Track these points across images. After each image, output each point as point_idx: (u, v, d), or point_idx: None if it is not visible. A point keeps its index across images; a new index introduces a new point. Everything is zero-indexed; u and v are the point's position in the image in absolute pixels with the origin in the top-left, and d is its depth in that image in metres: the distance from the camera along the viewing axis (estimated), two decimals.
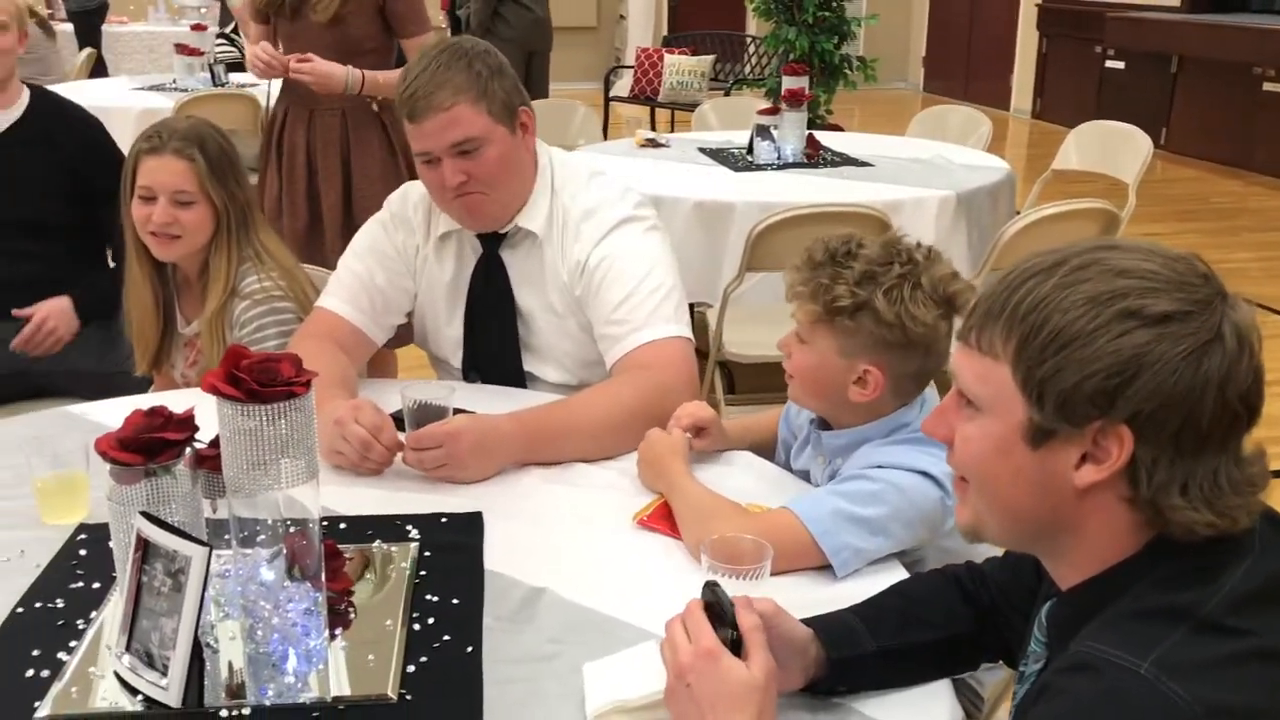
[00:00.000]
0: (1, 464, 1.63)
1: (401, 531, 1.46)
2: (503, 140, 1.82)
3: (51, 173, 2.54)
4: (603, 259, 1.86)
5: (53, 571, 1.36)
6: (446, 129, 1.77)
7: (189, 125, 2.06)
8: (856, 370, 1.44)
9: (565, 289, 1.91)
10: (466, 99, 1.77)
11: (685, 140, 4.48)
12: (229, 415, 1.15)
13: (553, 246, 1.91)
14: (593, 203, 1.91)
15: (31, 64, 6.33)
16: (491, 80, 1.81)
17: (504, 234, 1.92)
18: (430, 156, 1.81)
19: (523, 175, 1.90)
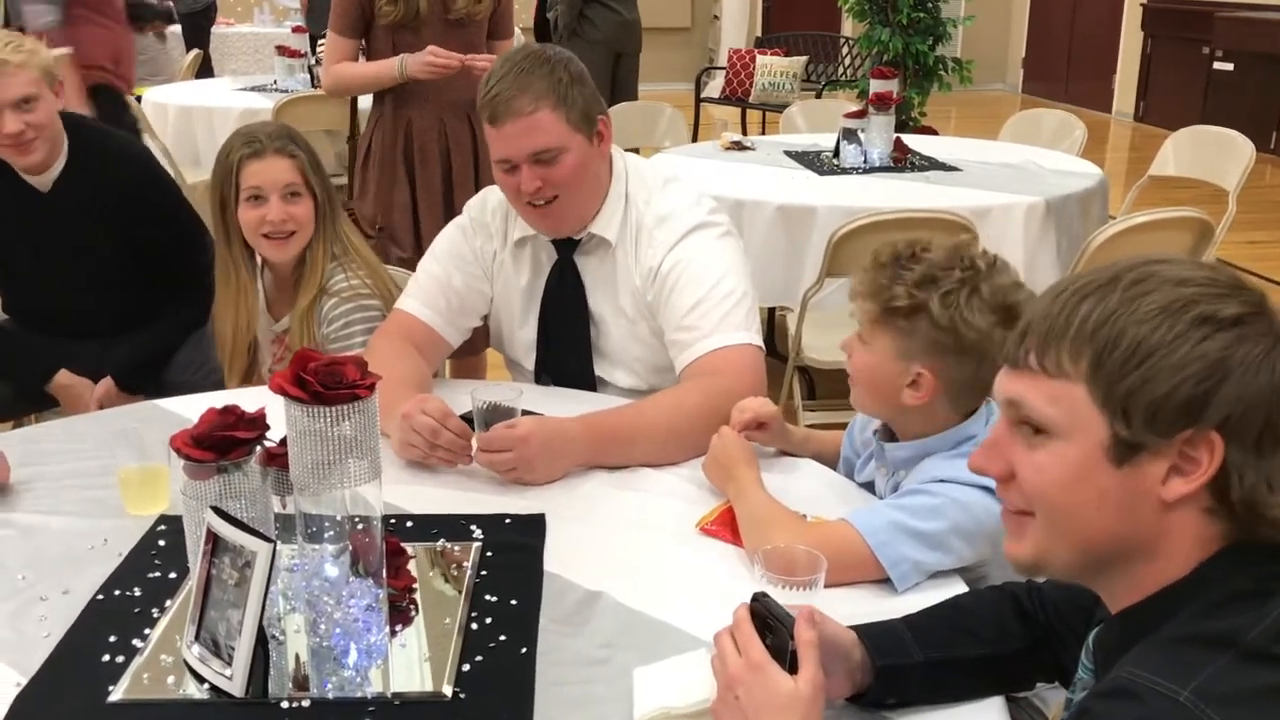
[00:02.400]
0: (91, 455, 1.71)
1: (465, 531, 1.48)
2: (580, 149, 1.84)
3: (105, 217, 2.54)
4: (675, 264, 1.87)
5: (133, 560, 1.42)
6: (526, 135, 1.79)
7: (277, 126, 2.16)
8: (910, 373, 1.44)
9: (638, 295, 1.92)
10: (547, 105, 1.79)
11: (771, 143, 4.47)
12: (296, 416, 1.18)
13: (626, 253, 1.93)
14: (666, 209, 1.93)
15: (142, 65, 6.56)
16: (571, 88, 1.82)
17: (578, 240, 1.94)
18: (510, 163, 1.83)
19: (597, 183, 1.92)
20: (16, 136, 2.37)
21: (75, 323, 2.64)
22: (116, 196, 2.54)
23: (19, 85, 2.36)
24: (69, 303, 2.63)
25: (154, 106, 5.46)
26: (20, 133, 2.37)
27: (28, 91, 2.37)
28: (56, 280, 2.60)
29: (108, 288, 2.62)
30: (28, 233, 2.53)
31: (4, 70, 2.34)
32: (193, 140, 5.35)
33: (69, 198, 2.51)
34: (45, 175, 2.50)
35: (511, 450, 1.57)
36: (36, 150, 2.42)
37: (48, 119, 2.43)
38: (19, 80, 2.36)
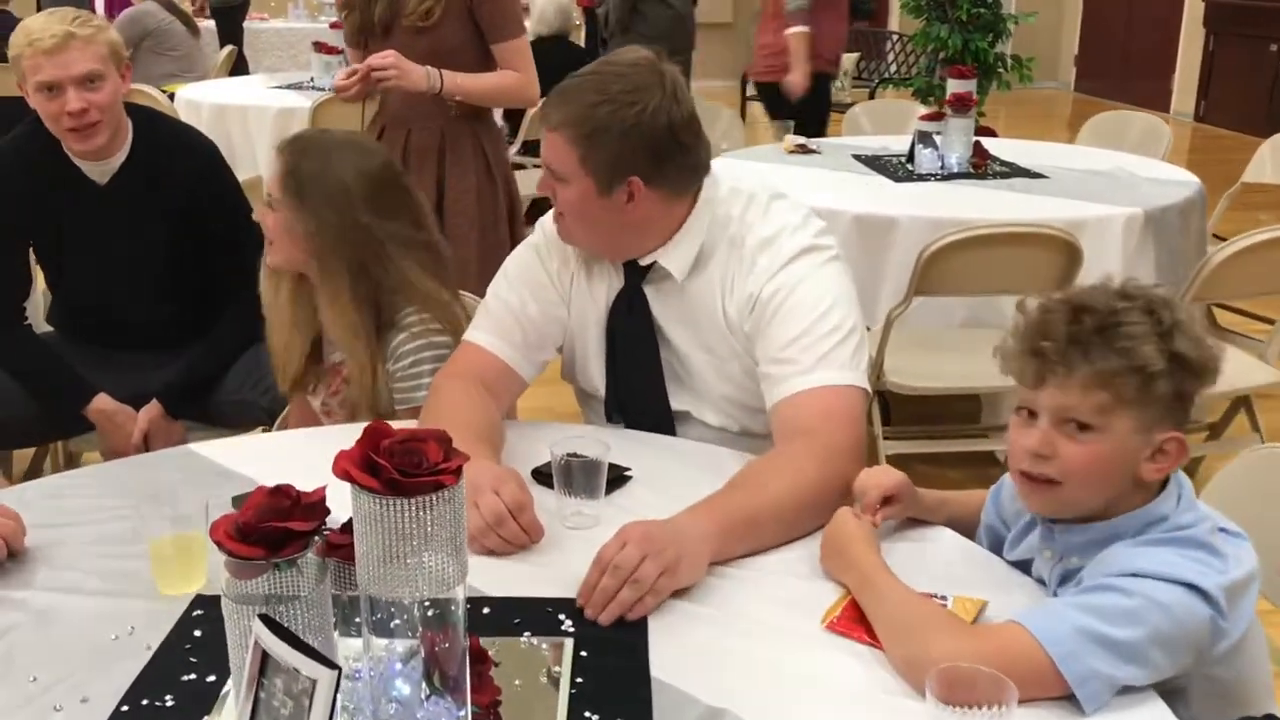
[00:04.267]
0: (121, 514, 1.49)
1: (553, 622, 1.26)
2: (584, 192, 1.63)
3: (163, 213, 2.40)
4: (776, 291, 1.66)
5: (164, 657, 1.20)
6: (546, 146, 1.66)
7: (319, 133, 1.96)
8: (1153, 442, 1.20)
9: (731, 328, 1.70)
10: (567, 133, 1.61)
11: (837, 146, 4.22)
12: (365, 505, 0.96)
13: (707, 287, 1.71)
14: (771, 230, 1.70)
15: (175, 61, 6.41)
16: (607, 135, 1.59)
17: (646, 267, 1.73)
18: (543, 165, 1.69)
19: (622, 228, 1.68)
20: (79, 115, 2.21)
21: (124, 331, 2.49)
22: (178, 189, 2.38)
23: (85, 61, 2.20)
24: (118, 307, 2.47)
25: (187, 105, 5.28)
26: (84, 111, 2.21)
27: (93, 68, 2.22)
28: (107, 280, 2.44)
29: (159, 292, 2.46)
30: (81, 228, 2.38)
31: (70, 44, 2.18)
32: (228, 140, 5.16)
33: (127, 191, 2.36)
34: (104, 165, 2.34)
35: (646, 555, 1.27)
36: (99, 134, 2.26)
37: (112, 100, 2.27)
38: (85, 55, 2.20)
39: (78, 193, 2.35)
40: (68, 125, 2.23)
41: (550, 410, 3.06)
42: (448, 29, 2.74)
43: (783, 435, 1.61)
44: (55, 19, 2.21)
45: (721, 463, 1.64)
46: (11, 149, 2.40)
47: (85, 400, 2.38)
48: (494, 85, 2.83)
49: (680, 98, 1.62)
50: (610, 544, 1.31)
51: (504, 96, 2.94)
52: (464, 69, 2.77)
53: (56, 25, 2.19)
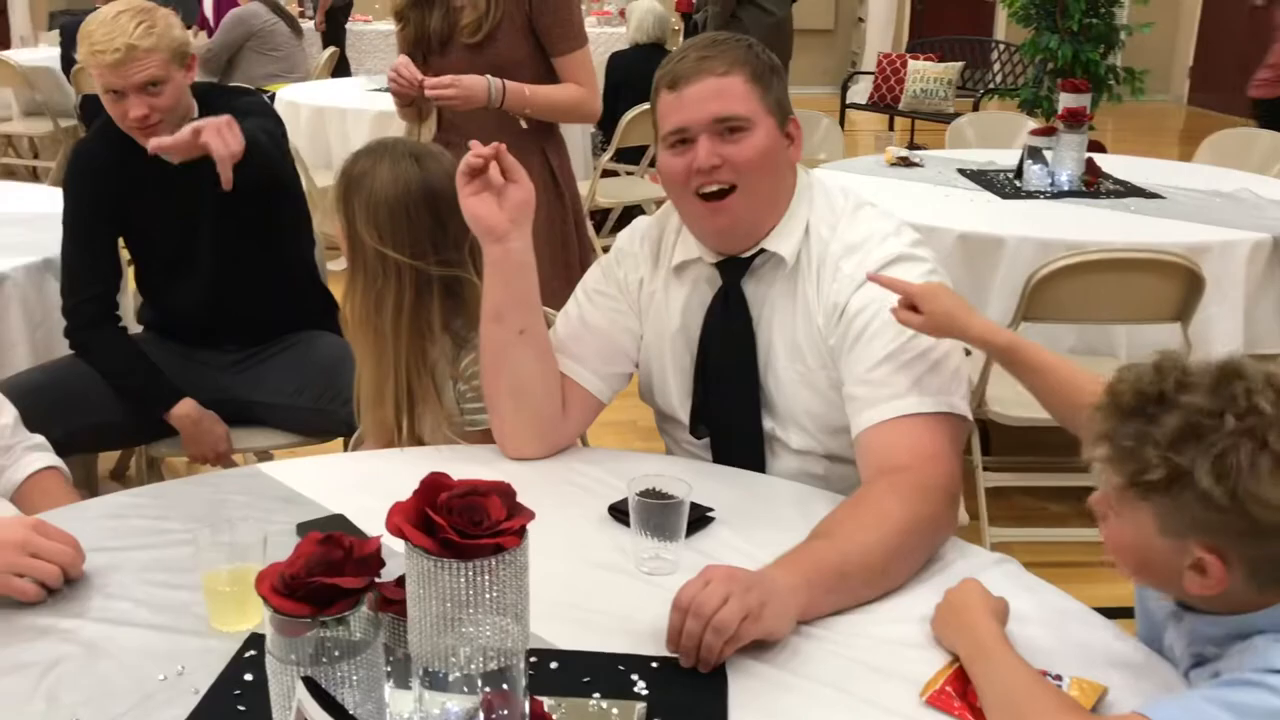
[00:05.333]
0: (179, 539, 1.43)
1: (624, 681, 1.16)
2: (770, 134, 1.57)
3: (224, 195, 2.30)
4: (866, 304, 1.54)
5: (210, 704, 1.13)
6: (712, 98, 1.54)
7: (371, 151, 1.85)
8: (1189, 553, 1.05)
9: (819, 337, 1.59)
10: (742, 73, 1.55)
11: (941, 159, 4.06)
12: (419, 564, 0.88)
13: (807, 283, 1.61)
14: (859, 237, 1.59)
15: (277, 62, 6.46)
16: (771, 73, 1.59)
17: (747, 261, 1.63)
18: (685, 134, 1.56)
19: (781, 186, 1.62)
20: (141, 120, 2.22)
21: (205, 328, 2.48)
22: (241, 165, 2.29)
23: (147, 71, 2.21)
24: (199, 298, 2.46)
25: (287, 106, 5.31)
26: (145, 116, 2.22)
27: (155, 75, 2.22)
28: (187, 263, 2.43)
29: (233, 276, 2.44)
30: (160, 210, 2.39)
31: (133, 55, 2.18)
32: (325, 143, 5.19)
33: (199, 174, 2.29)
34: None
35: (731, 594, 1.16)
36: (161, 132, 2.23)
37: (174, 102, 2.27)
38: (147, 65, 2.20)
39: (155, 177, 2.34)
40: (131, 126, 2.25)
41: (634, 425, 2.98)
42: (506, 43, 2.62)
43: (869, 470, 1.49)
44: (118, 26, 2.19)
45: (809, 503, 1.53)
46: (96, 137, 2.42)
47: (170, 404, 2.37)
48: (559, 98, 2.70)
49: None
50: (692, 583, 1.20)
51: (568, 110, 2.79)
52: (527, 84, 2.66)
53: (119, 36, 2.17)
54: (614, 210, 5.40)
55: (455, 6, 2.62)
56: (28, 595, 1.28)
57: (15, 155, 7.13)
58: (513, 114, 2.66)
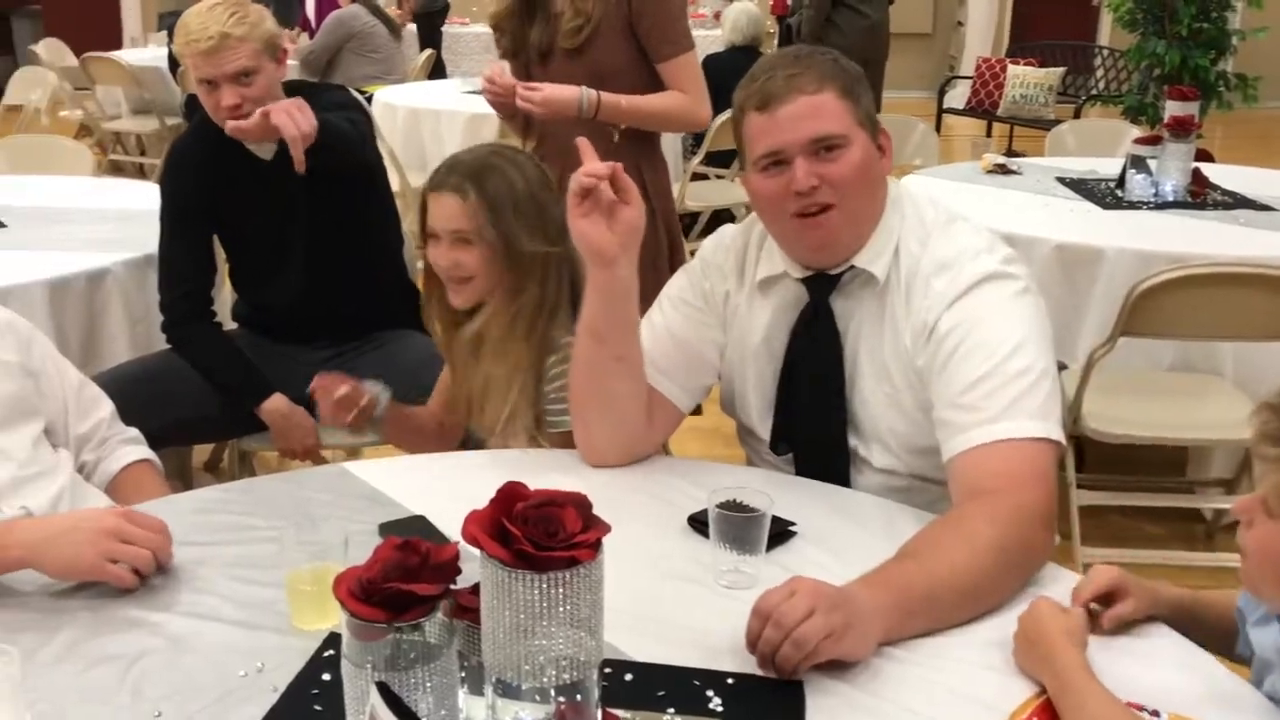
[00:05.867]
0: (265, 536, 1.46)
1: (700, 699, 1.14)
2: (865, 148, 1.54)
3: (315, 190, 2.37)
4: (957, 324, 1.49)
5: (288, 703, 1.14)
6: (807, 118, 1.50)
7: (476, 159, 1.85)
8: None
9: (906, 356, 1.55)
10: (833, 89, 1.52)
11: (1040, 166, 3.97)
12: (493, 574, 0.87)
13: (896, 301, 1.57)
14: (950, 253, 1.55)
15: (376, 63, 6.57)
16: (858, 84, 1.57)
17: (836, 277, 1.59)
18: (779, 156, 1.52)
19: (876, 201, 1.59)
20: (233, 110, 2.25)
21: (298, 323, 2.52)
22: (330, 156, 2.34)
23: (239, 60, 2.24)
24: (293, 292, 2.49)
25: (383, 107, 5.40)
26: (237, 106, 2.25)
27: (247, 65, 2.25)
28: (277, 258, 2.47)
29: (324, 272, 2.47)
30: (253, 205, 2.43)
31: (225, 44, 2.22)
32: (419, 144, 5.26)
33: (289, 162, 2.33)
34: (267, 144, 2.37)
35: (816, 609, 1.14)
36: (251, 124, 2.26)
37: (265, 92, 2.29)
38: (239, 54, 2.24)
39: (248, 172, 2.39)
40: (224, 116, 2.27)
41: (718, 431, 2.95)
42: (606, 49, 2.55)
43: (961, 494, 1.45)
44: (213, 16, 2.23)
45: (894, 519, 1.50)
46: (189, 142, 2.48)
47: (261, 398, 2.41)
48: (659, 107, 2.61)
49: None
50: (776, 591, 1.18)
51: (670, 120, 2.71)
52: (627, 92, 2.58)
53: (213, 25, 2.21)
54: (703, 214, 5.37)
55: (555, 13, 2.57)
56: (124, 581, 1.31)
57: (123, 152, 7.36)
58: (607, 125, 2.59)
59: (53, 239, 2.85)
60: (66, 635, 1.25)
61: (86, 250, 2.71)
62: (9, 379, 1.66)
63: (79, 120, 7.45)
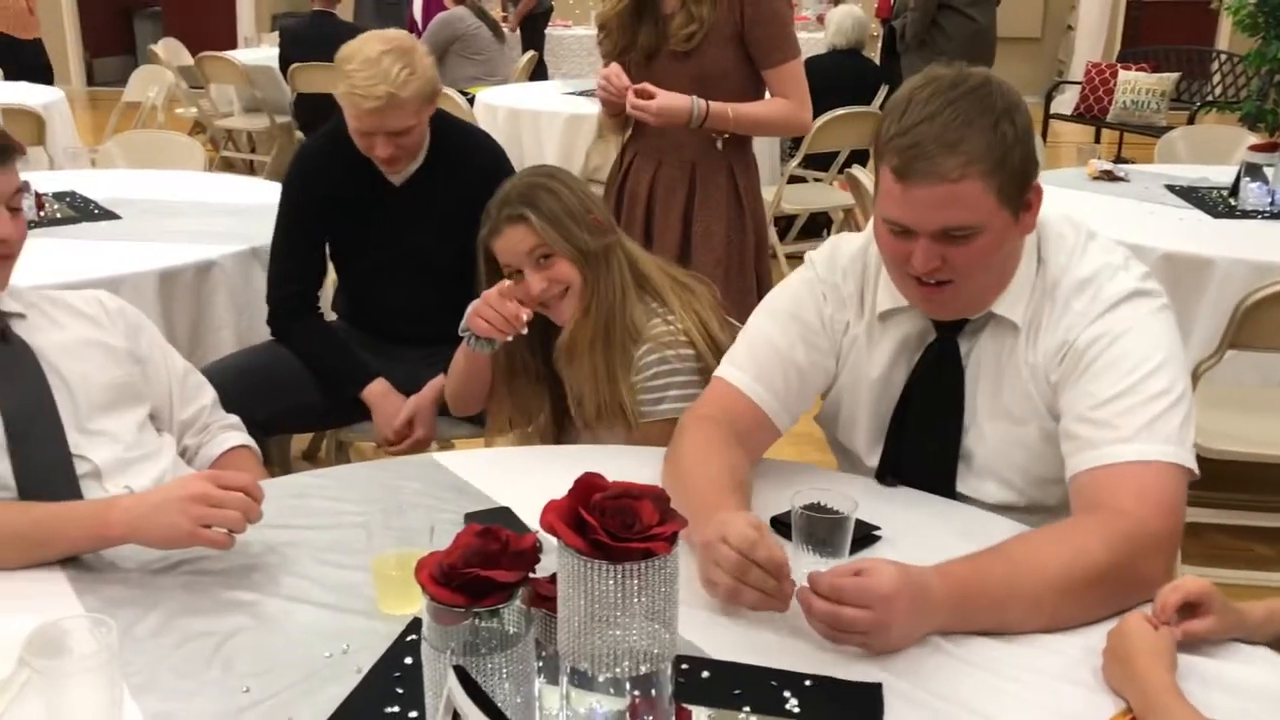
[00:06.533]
0: (355, 521, 1.49)
1: (776, 698, 1.14)
2: (999, 230, 1.43)
3: (449, 213, 2.43)
4: (1097, 339, 1.44)
5: (371, 685, 1.16)
6: (941, 207, 1.40)
7: (510, 192, 1.91)
8: None
9: (1036, 382, 1.50)
10: (978, 172, 1.38)
11: (1148, 174, 3.86)
12: (569, 564, 0.88)
13: (1026, 335, 1.51)
14: (1090, 270, 1.49)
15: (479, 65, 6.68)
16: (1014, 148, 1.41)
17: (967, 318, 1.54)
18: (904, 229, 1.44)
19: (1006, 265, 1.50)
20: (386, 160, 2.33)
21: (400, 326, 2.57)
22: (461, 192, 2.40)
23: (400, 120, 2.28)
24: (397, 302, 2.55)
25: (485, 108, 5.47)
26: (391, 157, 2.32)
27: (409, 125, 2.30)
28: (390, 275, 2.52)
29: (434, 290, 2.48)
30: (374, 225, 2.47)
31: (393, 102, 2.24)
32: (519, 144, 5.31)
33: (418, 194, 2.45)
34: (403, 171, 2.43)
35: (870, 608, 1.18)
36: (399, 164, 2.38)
37: (419, 141, 2.37)
38: (401, 115, 2.27)
39: (375, 193, 2.43)
40: (375, 158, 2.33)
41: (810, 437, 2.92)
42: (714, 53, 2.55)
43: (1082, 510, 1.39)
44: (379, 74, 2.21)
45: (988, 529, 1.47)
46: (320, 148, 2.51)
47: (363, 383, 2.46)
48: (765, 114, 2.63)
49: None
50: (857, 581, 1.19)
51: (774, 126, 2.73)
52: (729, 95, 2.58)
53: (381, 84, 2.21)
54: (799, 217, 5.34)
55: (665, 16, 2.57)
56: (219, 544, 1.35)
57: (235, 149, 7.58)
58: (713, 132, 2.60)
59: (164, 231, 2.94)
60: (162, 611, 1.29)
61: (196, 242, 2.80)
62: (117, 365, 1.72)
63: (193, 118, 7.69)
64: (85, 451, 1.63)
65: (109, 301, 1.79)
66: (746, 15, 2.53)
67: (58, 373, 1.66)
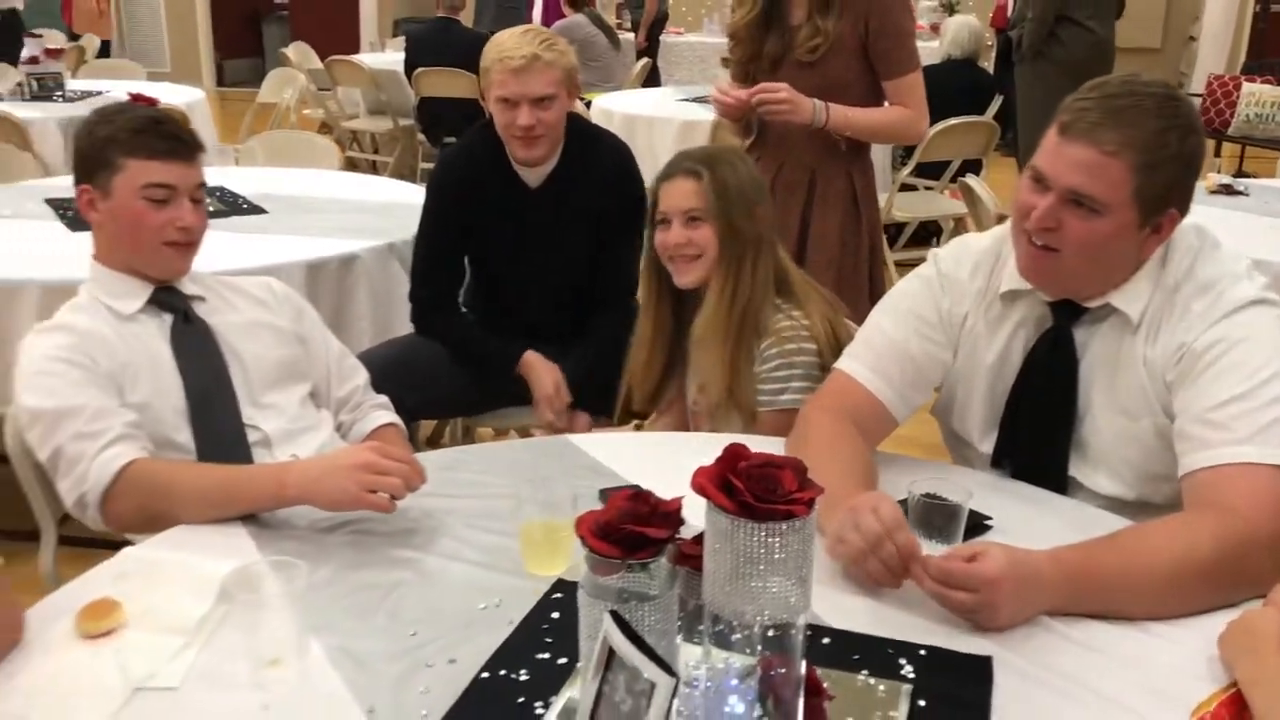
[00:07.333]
0: (500, 493, 1.62)
1: (893, 664, 1.23)
2: (1123, 227, 1.50)
3: (580, 214, 2.56)
4: (1215, 342, 1.50)
5: (523, 633, 1.29)
6: (1081, 170, 1.47)
7: (705, 149, 2.05)
8: None
9: (1151, 380, 1.56)
10: (1128, 160, 1.46)
11: (1271, 189, 3.83)
12: (717, 522, 0.99)
13: (1143, 333, 1.57)
14: (1212, 275, 1.55)
15: (595, 71, 6.85)
16: (1170, 164, 1.48)
17: (1086, 308, 1.60)
18: (1043, 180, 1.52)
19: (1114, 266, 1.57)
20: (527, 130, 2.42)
21: (528, 323, 2.67)
22: (592, 189, 2.56)
23: (543, 84, 2.40)
24: (524, 300, 2.67)
25: (600, 113, 5.62)
26: (531, 127, 2.42)
27: (549, 91, 2.41)
28: (521, 275, 2.64)
29: (562, 290, 2.65)
30: (511, 225, 2.59)
31: (534, 65, 2.38)
32: (633, 149, 5.41)
33: (554, 193, 2.57)
34: (538, 170, 2.55)
35: (976, 591, 1.28)
36: (540, 146, 2.47)
37: (558, 120, 2.47)
38: (544, 79, 2.40)
39: (512, 193, 2.56)
40: (516, 134, 2.44)
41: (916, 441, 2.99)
42: (838, 64, 2.63)
43: (1194, 508, 1.45)
44: (527, 39, 2.39)
45: (1097, 523, 1.53)
46: (463, 150, 2.66)
47: (516, 359, 2.59)
48: (883, 121, 2.71)
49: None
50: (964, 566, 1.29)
51: (892, 133, 2.83)
52: (850, 104, 2.65)
53: (526, 46, 2.37)
54: (909, 225, 5.38)
55: (792, 27, 2.66)
56: (382, 507, 1.49)
57: (359, 150, 7.86)
58: (835, 136, 2.68)
59: (308, 226, 3.14)
60: (333, 564, 1.44)
61: (338, 237, 2.98)
62: (284, 344, 1.89)
63: (320, 119, 8.00)
64: (257, 422, 1.80)
65: (277, 287, 1.96)
66: (871, 28, 2.61)
67: (233, 350, 1.83)
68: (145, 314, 1.81)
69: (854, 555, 1.35)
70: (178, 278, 1.85)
